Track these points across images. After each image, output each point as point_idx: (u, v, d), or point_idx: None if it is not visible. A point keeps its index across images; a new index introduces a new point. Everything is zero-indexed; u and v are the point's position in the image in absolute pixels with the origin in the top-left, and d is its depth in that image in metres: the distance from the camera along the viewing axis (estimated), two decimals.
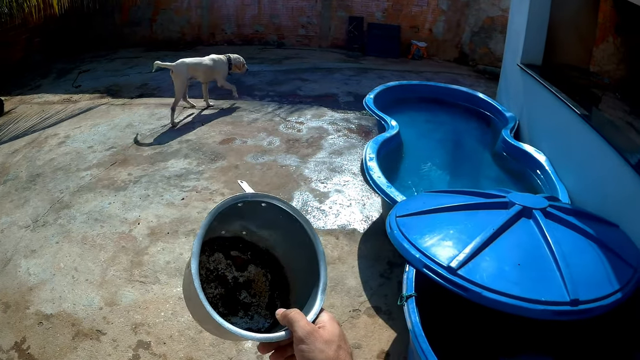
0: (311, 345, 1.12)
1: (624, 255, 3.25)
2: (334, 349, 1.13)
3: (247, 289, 1.44)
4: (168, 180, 5.74)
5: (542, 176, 5.65)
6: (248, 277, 1.46)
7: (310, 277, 1.36)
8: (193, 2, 12.36)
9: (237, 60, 8.73)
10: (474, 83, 10.61)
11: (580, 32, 7.42)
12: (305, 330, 1.14)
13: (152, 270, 4.33)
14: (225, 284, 1.41)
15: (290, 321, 1.17)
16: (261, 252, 1.51)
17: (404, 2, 12.54)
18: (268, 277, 1.48)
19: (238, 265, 1.46)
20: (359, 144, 7.07)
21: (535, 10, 6.87)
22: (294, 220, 1.39)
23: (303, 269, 1.41)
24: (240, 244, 1.50)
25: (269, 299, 1.44)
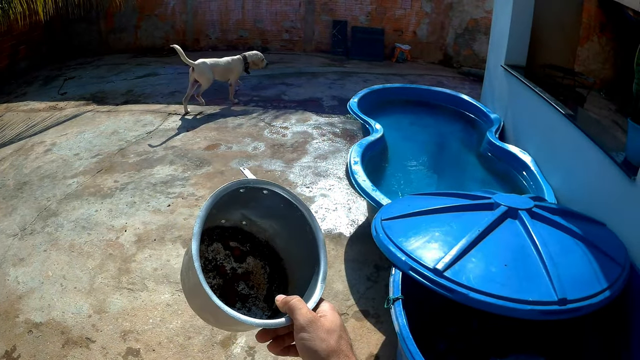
0: (312, 333, 1.12)
1: (612, 254, 3.28)
2: (335, 339, 1.12)
3: (246, 280, 1.44)
4: (154, 187, 5.75)
5: (528, 176, 5.68)
6: (247, 269, 1.45)
7: (309, 267, 1.36)
8: (177, 7, 12.37)
9: (254, 56, 9.03)
10: (458, 85, 10.67)
11: (565, 32, 7.43)
12: (306, 318, 1.14)
13: (139, 277, 4.33)
14: (223, 275, 1.40)
15: (291, 308, 1.17)
16: (260, 244, 1.51)
17: (388, 5, 12.61)
18: (267, 269, 1.48)
19: (237, 257, 1.46)
20: (344, 148, 7.08)
21: (519, 11, 6.90)
22: (295, 209, 1.39)
23: (302, 259, 1.41)
24: (239, 235, 1.50)
25: (267, 292, 1.44)
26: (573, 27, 7.67)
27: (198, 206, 5.39)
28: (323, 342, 1.10)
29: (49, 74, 10.70)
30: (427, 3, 12.54)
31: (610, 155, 4.11)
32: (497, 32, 7.63)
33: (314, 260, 1.34)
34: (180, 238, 4.87)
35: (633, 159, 3.89)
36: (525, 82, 6.34)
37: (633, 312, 3.30)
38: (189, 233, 4.75)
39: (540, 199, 4.35)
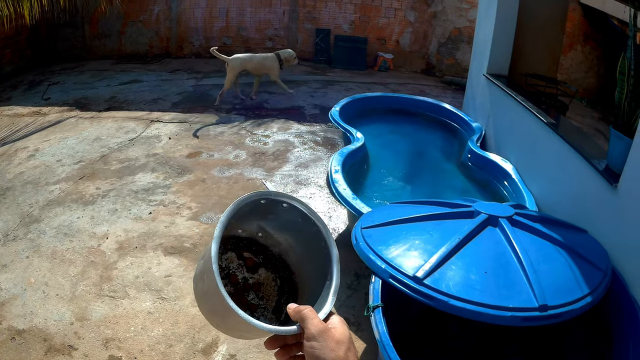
0: (323, 343, 1.13)
1: (593, 260, 3.32)
2: (344, 350, 1.14)
3: (256, 291, 1.47)
4: (136, 195, 5.77)
5: (509, 185, 5.73)
6: (258, 280, 1.49)
7: (320, 282, 1.38)
8: (162, 14, 12.35)
9: (286, 53, 9.45)
10: (440, 94, 10.75)
11: (548, 41, 7.48)
12: (318, 328, 1.15)
13: (121, 284, 4.35)
14: (235, 284, 1.44)
15: (302, 317, 1.18)
16: (273, 257, 1.54)
17: (371, 14, 12.66)
18: (277, 282, 1.51)
19: (249, 267, 1.49)
20: (325, 157, 7.14)
21: (502, 20, 6.95)
22: (312, 224, 1.42)
23: (313, 273, 1.44)
24: (253, 246, 1.53)
25: (276, 304, 1.46)
26: (556, 36, 7.73)
27: (179, 214, 5.43)
28: (332, 352, 1.12)
29: (33, 78, 10.68)
30: (411, 12, 12.59)
31: (591, 163, 4.16)
32: (480, 41, 7.69)
33: (325, 275, 1.37)
34: (162, 246, 4.89)
35: (615, 167, 3.94)
36: (507, 90, 6.38)
37: (614, 316, 3.36)
38: (170, 241, 4.85)
39: (521, 206, 4.38)
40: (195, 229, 5.18)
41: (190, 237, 5.06)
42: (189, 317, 4.05)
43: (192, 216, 5.42)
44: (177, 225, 5.24)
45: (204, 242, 4.99)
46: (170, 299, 4.22)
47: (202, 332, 3.90)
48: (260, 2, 12.62)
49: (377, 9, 12.69)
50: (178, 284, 4.40)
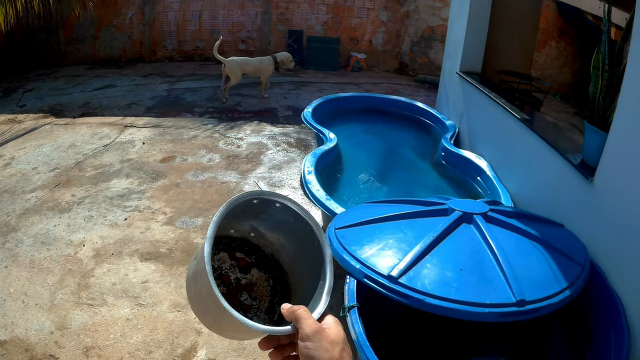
0: (317, 343, 1.13)
1: (571, 254, 3.32)
2: (339, 351, 1.14)
3: (249, 291, 1.46)
4: (111, 201, 5.78)
5: (484, 181, 5.74)
6: (250, 280, 1.48)
7: (313, 282, 1.38)
8: (135, 18, 12.31)
9: (282, 56, 9.88)
10: (413, 93, 10.84)
11: (521, 38, 7.50)
12: (312, 329, 1.15)
13: (99, 292, 4.36)
14: (227, 284, 1.43)
15: (297, 317, 1.18)
16: (266, 257, 1.54)
17: (344, 14, 12.73)
18: (270, 282, 1.51)
19: (242, 267, 1.49)
20: (298, 158, 7.21)
21: (474, 18, 7.01)
22: (304, 224, 1.42)
23: (306, 273, 1.44)
24: (246, 246, 1.53)
25: (269, 304, 1.46)
26: (530, 33, 7.79)
27: (154, 219, 5.45)
28: (327, 353, 1.12)
29: (8, 85, 10.63)
30: (383, 12, 12.69)
31: (566, 158, 4.20)
32: (453, 40, 7.75)
33: (319, 275, 1.37)
34: (138, 252, 4.91)
35: (590, 160, 3.98)
36: (480, 88, 6.43)
37: (594, 309, 3.39)
38: (146, 247, 4.87)
39: (497, 203, 4.40)
40: (170, 234, 5.21)
41: (166, 242, 5.08)
42: (167, 322, 4.06)
43: (167, 221, 5.44)
44: (153, 230, 5.26)
45: (180, 247, 5.01)
46: (148, 305, 4.24)
47: (181, 337, 3.93)
48: (233, 4, 12.62)
49: (349, 9, 12.76)
50: (155, 290, 4.41)
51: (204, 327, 3.90)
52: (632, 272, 3.15)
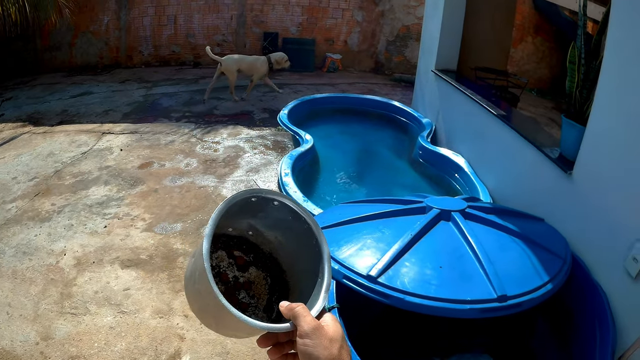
0: (316, 340, 1.13)
1: (551, 248, 3.36)
2: (337, 348, 1.14)
3: (247, 289, 1.46)
4: (90, 209, 5.79)
5: (462, 178, 5.86)
6: (248, 279, 1.47)
7: (311, 280, 1.38)
8: (111, 24, 12.28)
9: (277, 56, 10.11)
10: (390, 92, 10.94)
11: (497, 35, 7.58)
12: (311, 326, 1.15)
13: (81, 301, 4.36)
14: (225, 282, 1.43)
15: (295, 315, 1.18)
16: (264, 255, 1.53)
17: (319, 15, 12.82)
18: (268, 281, 1.50)
19: (240, 266, 1.48)
20: (275, 160, 7.20)
21: (449, 16, 7.08)
22: (302, 222, 1.41)
23: (305, 271, 1.43)
24: (244, 245, 1.52)
25: (267, 302, 1.46)
26: (505, 29, 7.87)
27: (134, 226, 5.48)
28: (326, 350, 1.12)
29: None
30: (358, 12, 12.79)
31: (544, 152, 4.27)
32: (428, 38, 7.82)
33: (317, 272, 1.37)
34: (118, 259, 4.93)
35: (568, 154, 4.03)
36: (456, 85, 6.51)
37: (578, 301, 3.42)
38: (126, 254, 4.90)
39: (475, 199, 4.44)
40: (150, 240, 5.24)
41: (146, 248, 5.11)
42: (150, 329, 4.08)
43: (147, 227, 5.47)
44: (132, 237, 5.29)
45: (160, 253, 5.04)
46: (131, 312, 4.25)
47: (164, 343, 3.95)
48: (208, 8, 12.64)
49: (324, 10, 12.84)
50: (137, 297, 4.43)
51: (185, 334, 3.95)
52: (614, 264, 3.19)
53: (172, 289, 4.57)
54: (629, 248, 3.04)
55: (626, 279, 3.06)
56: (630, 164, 3.14)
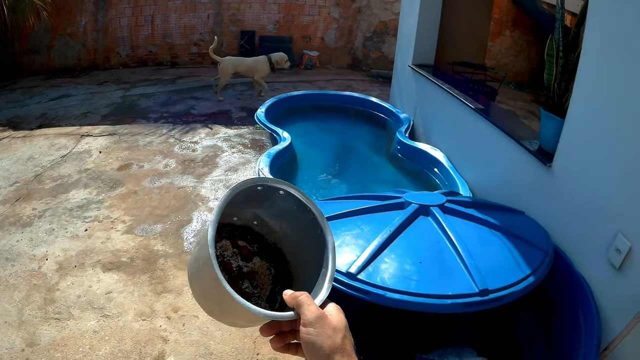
0: (319, 329, 1.12)
1: (533, 240, 3.36)
2: (341, 337, 1.13)
3: (250, 279, 1.44)
4: (70, 212, 5.79)
5: (441, 173, 5.85)
6: (252, 268, 1.46)
7: (315, 271, 1.36)
8: (89, 25, 12.20)
9: (277, 56, 10.22)
10: (367, 88, 11.03)
11: (474, 29, 7.61)
12: (314, 315, 1.14)
13: (65, 305, 4.36)
14: (229, 272, 1.41)
15: (299, 303, 1.17)
16: (268, 246, 1.52)
17: (295, 12, 12.86)
18: (272, 271, 1.49)
19: (244, 255, 1.47)
20: (254, 159, 7.25)
21: (425, 11, 7.08)
22: (307, 212, 1.40)
23: (309, 262, 1.42)
24: (248, 235, 1.51)
25: (270, 293, 1.45)
26: (482, 23, 7.93)
27: (114, 229, 5.49)
28: (329, 339, 1.11)
29: None
30: (335, 9, 12.85)
31: (523, 145, 4.26)
32: (404, 33, 7.85)
33: (321, 263, 1.36)
34: (100, 263, 4.94)
35: (547, 147, 4.03)
36: (434, 80, 6.51)
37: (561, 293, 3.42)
38: (108, 257, 4.92)
39: (454, 193, 4.51)
40: (131, 243, 5.26)
41: (127, 251, 5.13)
42: (133, 332, 4.10)
43: (127, 230, 5.49)
44: (113, 240, 5.31)
45: (141, 255, 5.07)
46: (114, 315, 4.27)
47: (148, 346, 3.97)
48: (185, 7, 12.63)
49: (301, 7, 12.89)
50: (119, 300, 4.45)
51: (168, 336, 3.98)
52: (597, 255, 3.20)
53: (153, 291, 4.59)
54: (611, 239, 3.07)
55: (610, 270, 3.09)
56: (610, 155, 3.18)
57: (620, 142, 3.08)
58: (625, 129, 3.03)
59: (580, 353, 2.96)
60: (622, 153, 3.06)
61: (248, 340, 4.09)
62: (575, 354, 3.01)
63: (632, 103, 2.97)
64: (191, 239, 5.40)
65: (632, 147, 2.97)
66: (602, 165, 3.26)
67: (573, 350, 3.09)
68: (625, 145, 3.04)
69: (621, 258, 2.94)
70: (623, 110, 3.07)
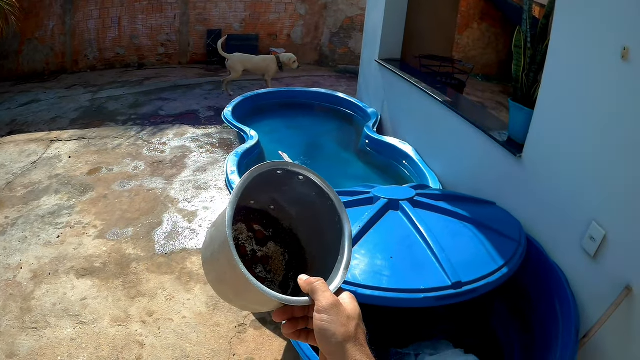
0: (333, 317, 1.10)
1: (505, 231, 3.41)
2: (354, 326, 1.12)
3: (264, 264, 1.42)
4: (42, 219, 5.77)
5: (410, 166, 5.87)
6: (266, 253, 1.44)
7: (330, 259, 1.35)
8: (57, 29, 12.03)
9: (285, 57, 10.41)
10: (334, 84, 11.15)
11: (441, 22, 7.68)
12: (329, 301, 1.12)
13: (41, 314, 4.35)
14: (243, 255, 1.38)
15: (314, 289, 1.16)
16: (284, 231, 1.50)
17: (262, 10, 12.87)
18: (286, 257, 1.46)
19: (258, 239, 1.45)
20: (222, 159, 7.30)
21: (391, 4, 7.09)
22: (326, 199, 1.37)
23: (324, 249, 1.40)
24: (264, 219, 1.49)
25: (283, 279, 1.43)
26: (449, 17, 8.00)
27: (86, 234, 5.50)
28: (343, 327, 1.10)
29: None
30: (301, 5, 12.90)
31: (492, 136, 4.30)
32: (371, 28, 7.87)
33: (336, 250, 1.34)
34: (73, 269, 4.94)
35: (517, 137, 4.09)
36: (400, 74, 6.54)
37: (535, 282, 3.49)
38: (81, 263, 4.92)
39: (424, 186, 4.51)
40: (103, 247, 5.27)
41: (99, 256, 5.14)
42: (109, 338, 4.11)
43: (99, 234, 5.50)
44: (85, 245, 5.31)
45: (113, 259, 5.09)
46: (89, 322, 4.27)
47: (125, 351, 3.99)
48: (152, 8, 12.54)
49: (267, 5, 12.91)
50: (94, 306, 4.46)
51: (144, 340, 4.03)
52: (571, 244, 3.26)
53: (127, 296, 4.63)
54: (585, 227, 3.13)
55: (585, 258, 3.15)
56: (580, 144, 3.25)
57: (590, 130, 3.16)
58: (594, 117, 3.11)
59: (559, 342, 3.01)
60: (593, 141, 3.14)
61: (224, 342, 4.14)
62: (554, 343, 3.07)
63: (600, 92, 3.05)
64: (162, 241, 5.44)
65: (602, 135, 3.05)
66: (573, 154, 3.33)
67: (551, 340, 3.14)
68: (595, 134, 3.12)
69: (596, 246, 3.02)
70: (592, 100, 3.14)
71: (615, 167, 2.95)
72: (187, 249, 5.36)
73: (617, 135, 2.92)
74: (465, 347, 3.44)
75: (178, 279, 4.92)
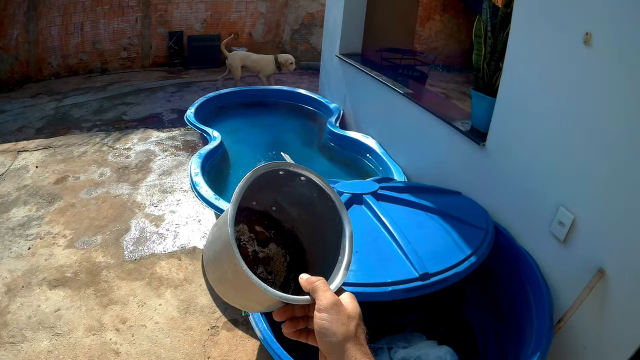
0: (334, 316, 1.11)
1: (471, 220, 3.45)
2: (354, 325, 1.13)
3: (265, 265, 1.43)
4: (13, 232, 5.76)
5: (374, 159, 5.92)
6: (268, 254, 1.45)
7: (331, 257, 1.35)
8: (20, 37, 11.88)
9: (282, 58, 10.50)
10: (297, 80, 11.30)
11: (401, 15, 7.74)
12: (330, 301, 1.13)
13: (17, 328, 4.35)
14: (244, 256, 1.34)
15: (315, 288, 1.17)
16: (285, 233, 1.51)
17: (222, 10, 12.88)
18: (287, 258, 1.47)
19: (260, 241, 1.46)
20: (187, 161, 7.36)
21: (351, 0, 7.11)
22: (327, 199, 1.38)
23: (325, 249, 1.42)
24: (266, 220, 1.49)
25: (284, 280, 1.43)
26: (410, 10, 8.06)
27: (56, 244, 5.51)
28: (343, 326, 1.11)
29: None
30: (262, 3, 12.93)
31: (454, 126, 4.33)
32: (331, 23, 7.90)
33: (337, 251, 1.35)
34: (45, 280, 4.96)
35: (480, 126, 4.12)
36: (361, 68, 6.58)
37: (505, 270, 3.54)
38: (52, 274, 4.93)
39: (388, 179, 4.51)
40: (73, 257, 5.29)
41: (70, 265, 5.16)
42: (85, 348, 4.13)
43: (68, 244, 5.52)
44: (56, 256, 5.32)
45: (84, 268, 5.11)
46: (65, 333, 4.29)
47: None
48: (113, 12, 12.48)
49: (228, 4, 12.92)
50: (68, 317, 4.47)
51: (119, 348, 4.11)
52: (540, 230, 3.33)
53: (100, 304, 4.66)
54: (553, 213, 3.19)
55: (555, 243, 3.20)
56: (543, 130, 3.31)
57: (553, 116, 3.23)
58: (557, 103, 3.18)
59: (534, 328, 3.05)
60: (556, 127, 3.21)
61: (197, 345, 4.21)
62: (529, 329, 3.11)
63: (562, 78, 3.12)
64: (131, 247, 5.49)
65: (565, 120, 3.12)
66: (537, 141, 3.39)
67: (525, 326, 3.20)
68: (558, 119, 3.19)
69: (565, 230, 3.07)
70: (554, 86, 3.21)
71: (580, 152, 3.01)
72: (156, 253, 5.41)
73: (580, 120, 2.99)
74: (438, 337, 3.52)
75: (148, 284, 4.97)
